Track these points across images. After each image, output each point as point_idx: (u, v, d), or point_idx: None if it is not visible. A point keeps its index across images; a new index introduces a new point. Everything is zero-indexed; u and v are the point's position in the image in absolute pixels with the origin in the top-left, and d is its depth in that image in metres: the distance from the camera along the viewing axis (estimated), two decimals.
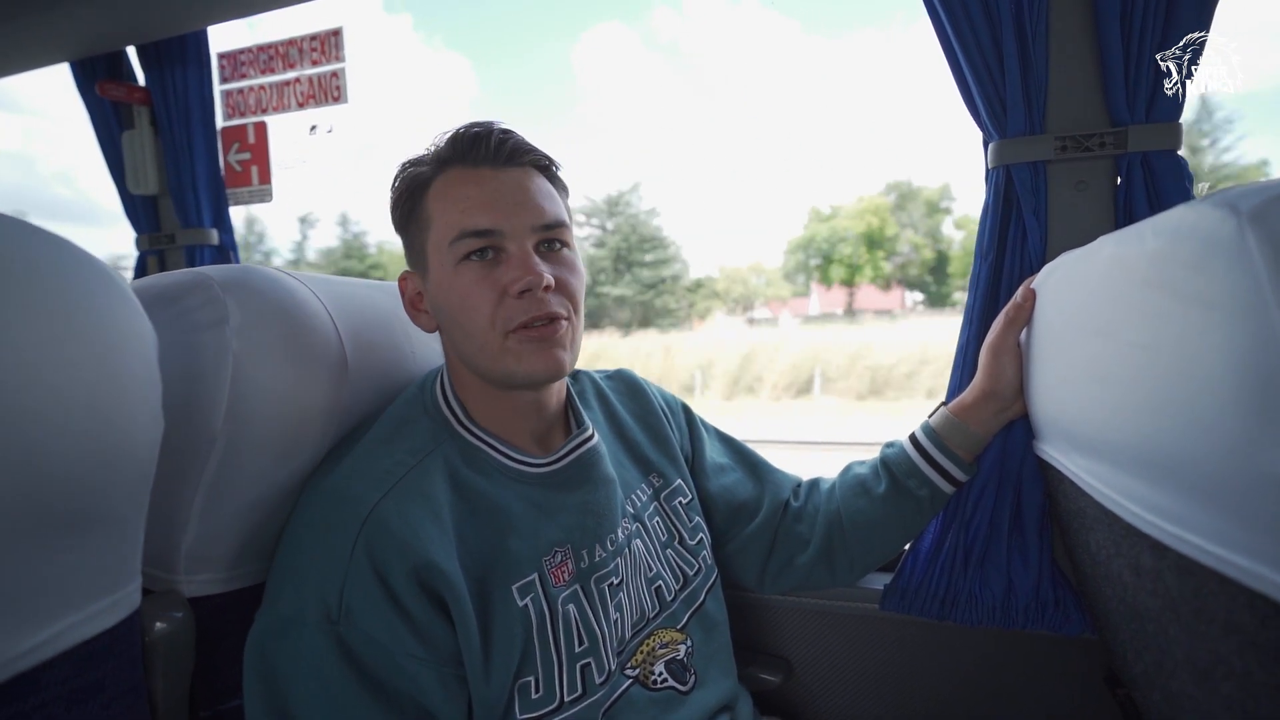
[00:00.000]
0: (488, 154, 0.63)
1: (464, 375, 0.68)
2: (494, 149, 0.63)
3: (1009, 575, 0.79)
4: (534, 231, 0.63)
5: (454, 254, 0.62)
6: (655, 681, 0.70)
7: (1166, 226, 0.40)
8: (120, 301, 0.43)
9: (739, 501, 0.86)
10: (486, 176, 0.63)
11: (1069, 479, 0.61)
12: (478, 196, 0.62)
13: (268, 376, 0.58)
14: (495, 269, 0.62)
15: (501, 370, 0.63)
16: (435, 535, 0.57)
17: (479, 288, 0.61)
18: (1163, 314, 0.40)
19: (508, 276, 0.61)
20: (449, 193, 0.63)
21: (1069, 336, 0.58)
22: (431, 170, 0.65)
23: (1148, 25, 0.70)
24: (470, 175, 0.63)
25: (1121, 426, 0.46)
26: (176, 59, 1.29)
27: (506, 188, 0.63)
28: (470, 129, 0.64)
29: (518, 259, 0.61)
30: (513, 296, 0.61)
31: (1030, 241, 0.77)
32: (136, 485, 0.46)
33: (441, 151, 0.64)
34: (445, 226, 0.62)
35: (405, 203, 0.66)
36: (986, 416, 0.76)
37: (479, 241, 0.61)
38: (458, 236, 0.61)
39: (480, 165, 0.63)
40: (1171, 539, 0.41)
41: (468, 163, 0.63)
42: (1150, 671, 0.53)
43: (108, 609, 0.45)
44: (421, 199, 0.65)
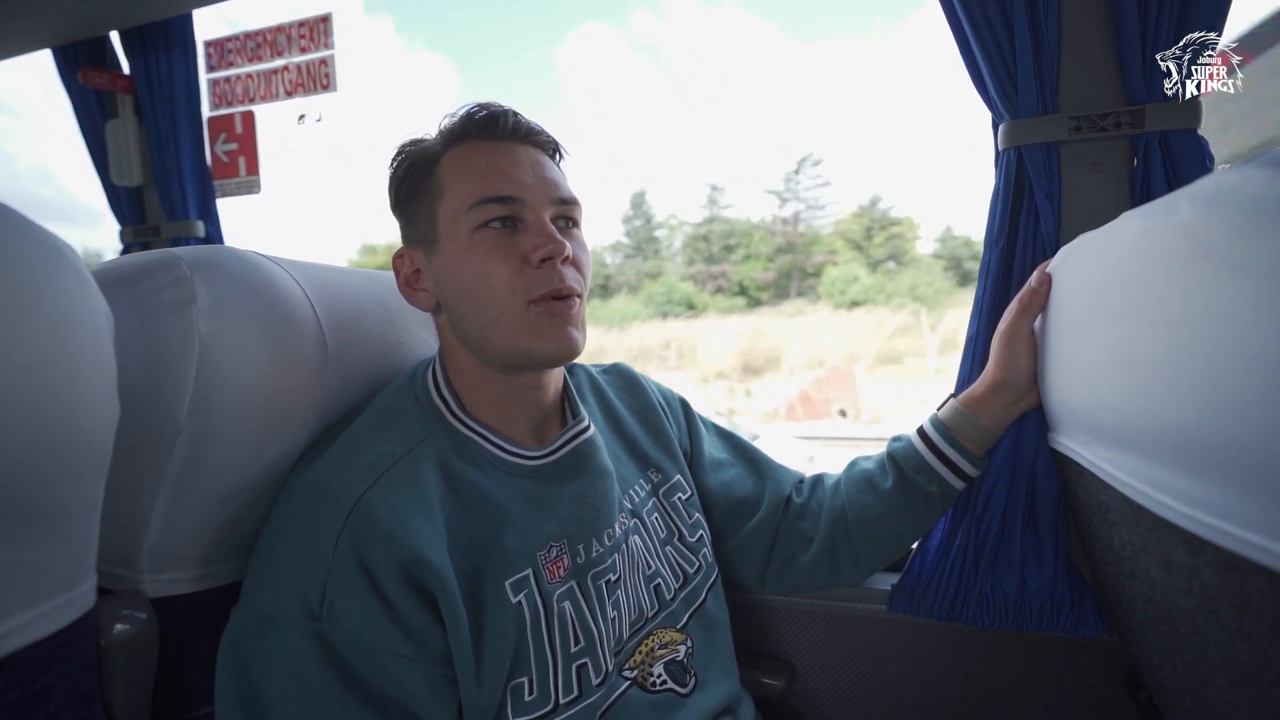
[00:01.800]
0: (505, 130, 0.63)
1: (461, 360, 0.65)
2: (511, 127, 0.63)
3: (1022, 575, 0.76)
4: (553, 204, 0.62)
5: (471, 221, 0.60)
6: (654, 683, 0.67)
7: (1204, 193, 0.37)
8: (69, 273, 0.40)
9: (739, 498, 0.83)
10: (504, 149, 0.63)
11: (1089, 472, 0.58)
12: (498, 165, 0.61)
13: (238, 363, 0.55)
14: (514, 237, 0.61)
15: (514, 345, 0.61)
16: (425, 528, 0.54)
17: (498, 254, 0.60)
18: (1202, 287, 0.36)
19: (529, 244, 0.60)
20: (468, 161, 0.62)
21: (1091, 320, 0.55)
22: (442, 144, 0.64)
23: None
24: (488, 147, 0.63)
25: (1152, 412, 0.43)
26: (161, 45, 1.26)
27: (526, 159, 0.63)
28: (484, 107, 0.64)
29: (537, 227, 0.60)
30: (533, 265, 0.60)
31: (1043, 226, 0.74)
32: (89, 475, 0.42)
33: (454, 127, 0.64)
34: (463, 193, 0.61)
35: (411, 176, 0.64)
36: (998, 408, 0.73)
37: (500, 208, 0.60)
38: (478, 202, 0.60)
39: (499, 139, 0.63)
40: (1211, 532, 0.38)
41: (484, 137, 0.63)
42: (1181, 675, 0.50)
43: (56, 610, 0.41)
44: (431, 171, 0.63)
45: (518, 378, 0.65)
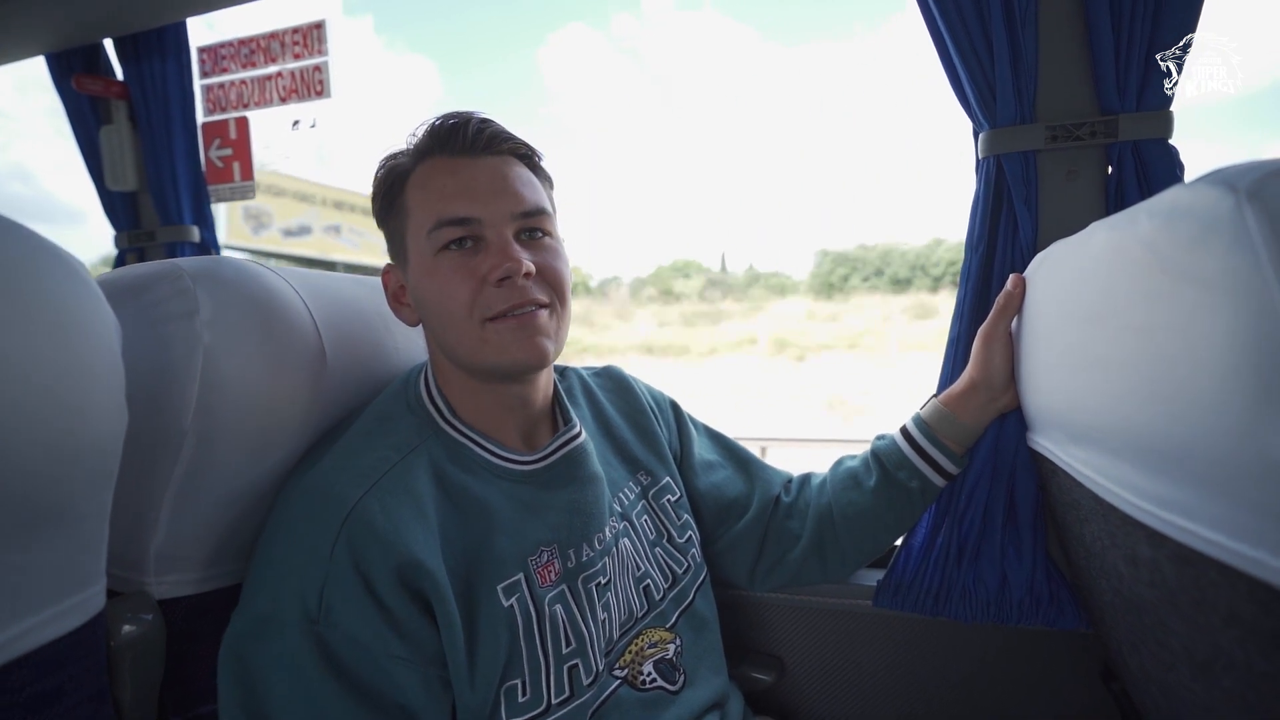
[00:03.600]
0: (465, 143, 0.62)
1: (447, 369, 0.66)
2: (471, 138, 0.62)
3: (1003, 570, 0.78)
4: (513, 219, 0.62)
5: (433, 244, 0.61)
6: (644, 682, 0.69)
7: (1161, 207, 0.39)
8: (79, 286, 0.41)
9: (728, 499, 0.85)
10: (463, 165, 0.62)
11: (1063, 470, 0.60)
12: (454, 185, 0.61)
13: (240, 370, 0.56)
14: (474, 257, 0.61)
15: (482, 361, 0.62)
16: (420, 533, 0.56)
17: (457, 276, 0.60)
18: (1159, 295, 0.39)
19: (486, 264, 0.60)
20: (427, 183, 0.62)
21: (1061, 324, 0.57)
22: (411, 161, 0.64)
23: (1138, 12, 0.69)
24: (447, 165, 0.62)
25: (1116, 413, 0.45)
26: (155, 52, 1.26)
27: (484, 176, 0.62)
28: (447, 119, 0.63)
29: (496, 246, 0.60)
30: (492, 285, 0.60)
31: (1021, 232, 0.77)
32: (99, 481, 0.44)
33: (420, 143, 0.64)
34: (423, 216, 0.61)
35: (386, 195, 0.65)
36: (976, 407, 0.75)
37: (457, 230, 0.60)
38: (435, 225, 0.61)
39: (458, 155, 0.62)
40: (1169, 527, 0.40)
41: (445, 152, 0.63)
42: (1148, 665, 0.52)
43: (69, 611, 0.43)
44: (401, 190, 0.64)
45: (503, 387, 0.66)
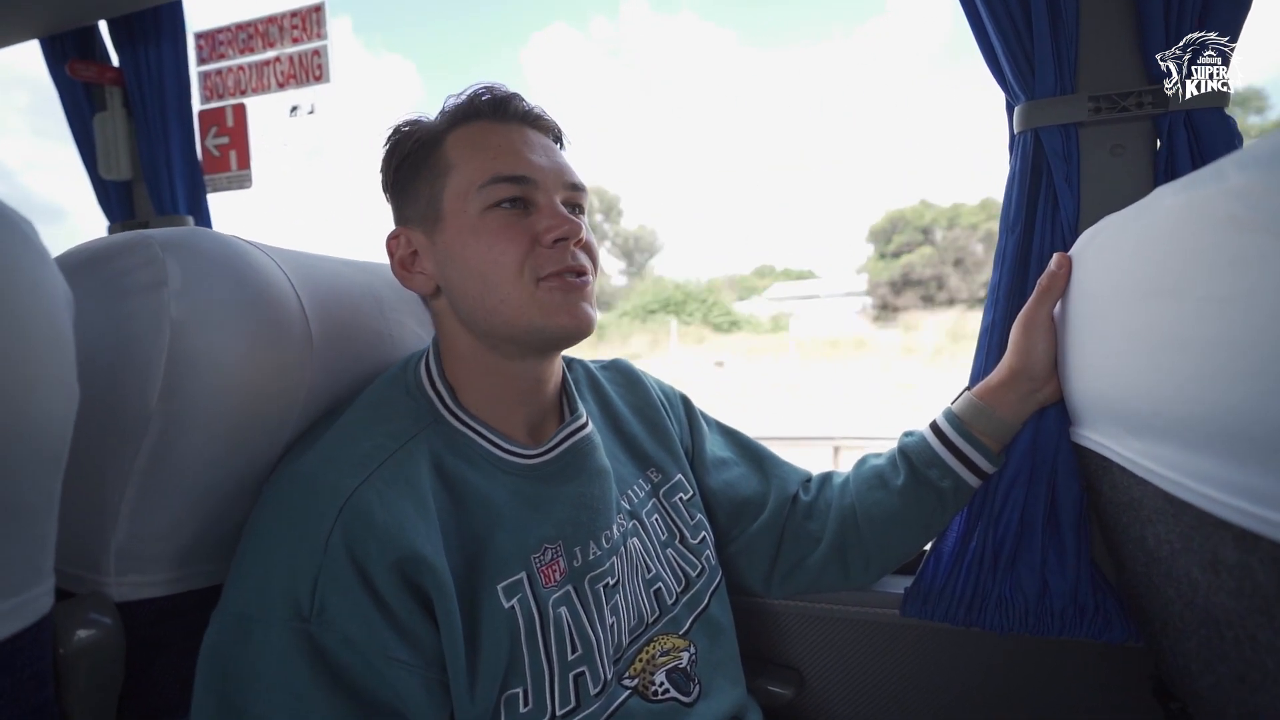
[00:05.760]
0: (516, 113, 0.63)
1: (461, 348, 0.62)
2: (523, 110, 0.63)
3: (1043, 577, 0.72)
4: (564, 188, 0.61)
5: (482, 200, 0.58)
6: (656, 692, 0.64)
7: (1258, 155, 0.34)
8: (20, 246, 0.36)
9: (743, 497, 0.80)
10: (516, 130, 0.62)
11: (1119, 466, 0.55)
12: (510, 145, 0.60)
13: (214, 349, 0.51)
14: (524, 219, 0.59)
15: (527, 323, 0.58)
16: (421, 525, 0.52)
17: (508, 234, 0.58)
18: (1254, 258, 0.33)
19: (542, 224, 0.58)
20: (478, 140, 0.60)
21: (1118, 304, 0.51)
22: (447, 123, 0.62)
23: None
24: (499, 128, 0.61)
25: (1196, 398, 0.40)
26: (150, 36, 1.23)
27: (538, 142, 0.62)
28: (490, 90, 0.62)
29: (549, 209, 0.59)
30: (545, 246, 0.58)
31: (1063, 211, 0.71)
32: (44, 468, 0.39)
33: (462, 105, 0.62)
34: (474, 171, 0.59)
35: (412, 155, 0.62)
36: (1015, 399, 0.69)
37: (512, 188, 0.59)
38: (489, 180, 0.58)
39: (509, 121, 0.62)
40: (1265, 525, 0.34)
41: (496, 118, 0.62)
42: (1226, 684, 0.46)
43: (7, 615, 0.38)
44: (436, 148, 0.61)
45: (521, 364, 0.62)
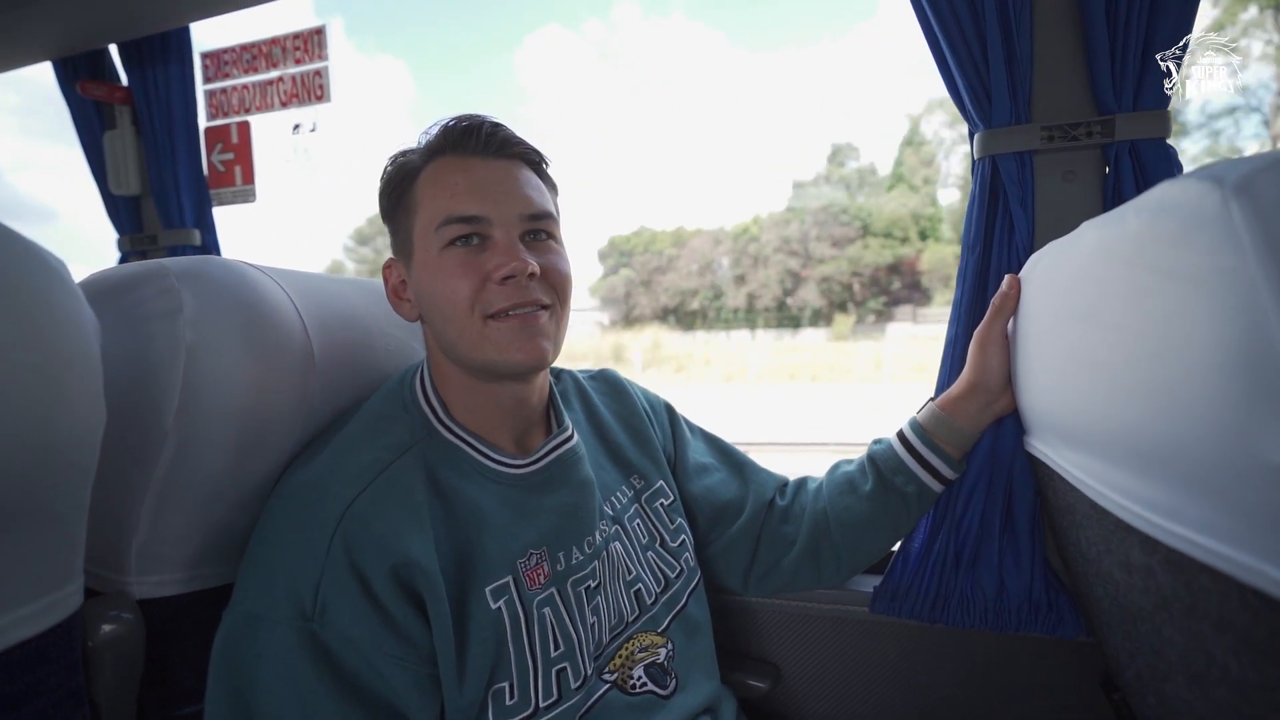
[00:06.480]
0: (478, 144, 0.63)
1: (446, 368, 0.66)
2: (484, 140, 0.63)
3: (1001, 576, 0.77)
4: (521, 221, 0.63)
5: (439, 239, 0.61)
6: (634, 686, 0.68)
7: (1149, 204, 0.38)
8: (55, 283, 0.41)
9: (722, 502, 0.84)
10: (475, 165, 0.63)
11: (1059, 475, 0.59)
12: (465, 183, 0.62)
13: (225, 370, 0.56)
14: (480, 255, 0.61)
15: (481, 358, 0.62)
16: (414, 533, 0.56)
17: (461, 271, 0.61)
18: (1145, 294, 0.38)
19: (492, 262, 0.60)
20: (438, 179, 0.63)
21: (1055, 325, 0.56)
22: (422, 159, 0.65)
23: (1133, 11, 0.68)
24: (460, 164, 0.63)
25: (1107, 414, 0.44)
26: (159, 57, 1.28)
27: (495, 176, 0.63)
28: (461, 121, 0.64)
29: (503, 246, 0.61)
30: (495, 283, 0.60)
31: (1017, 233, 0.76)
32: (75, 478, 0.44)
33: (433, 141, 0.64)
34: (432, 211, 0.62)
35: (394, 189, 0.66)
36: (973, 410, 0.74)
37: (465, 227, 0.61)
38: (444, 221, 0.61)
39: (470, 155, 0.63)
40: (1160, 532, 0.39)
41: (458, 152, 0.63)
42: (1145, 674, 0.51)
43: (44, 610, 0.42)
44: (411, 186, 0.65)
45: (500, 386, 0.66)
